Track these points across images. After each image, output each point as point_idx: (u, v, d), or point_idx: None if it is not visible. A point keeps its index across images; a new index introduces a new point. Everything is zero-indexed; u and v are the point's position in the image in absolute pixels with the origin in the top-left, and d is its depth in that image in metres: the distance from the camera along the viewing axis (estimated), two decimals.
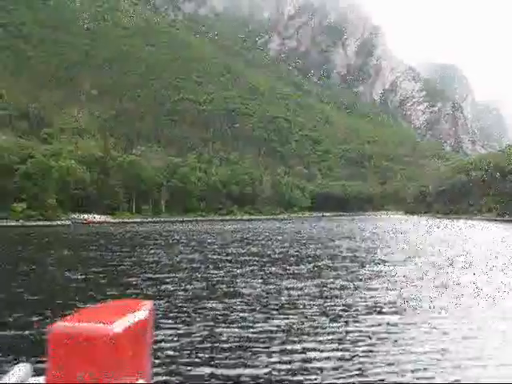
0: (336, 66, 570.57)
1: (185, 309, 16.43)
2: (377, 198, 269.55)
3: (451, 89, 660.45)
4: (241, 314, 15.73)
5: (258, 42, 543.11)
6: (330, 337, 12.95)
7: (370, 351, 11.80)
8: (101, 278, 24.07)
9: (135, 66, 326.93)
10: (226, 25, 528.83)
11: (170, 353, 11.52)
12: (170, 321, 14.56)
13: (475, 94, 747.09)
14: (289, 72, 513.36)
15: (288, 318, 15.15)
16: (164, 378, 10.00)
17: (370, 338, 12.86)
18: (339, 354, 11.56)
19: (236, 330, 13.72)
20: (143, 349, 2.09)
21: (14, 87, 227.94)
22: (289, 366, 10.74)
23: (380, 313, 16.14)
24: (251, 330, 13.61)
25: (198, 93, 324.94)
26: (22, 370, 2.02)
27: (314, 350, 11.87)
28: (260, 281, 22.85)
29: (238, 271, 26.40)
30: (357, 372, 10.44)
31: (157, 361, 10.56)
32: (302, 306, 17.00)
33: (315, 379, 10.09)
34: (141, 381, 2.03)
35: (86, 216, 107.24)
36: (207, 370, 10.52)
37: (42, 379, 2.03)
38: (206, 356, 11.39)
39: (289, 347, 12.01)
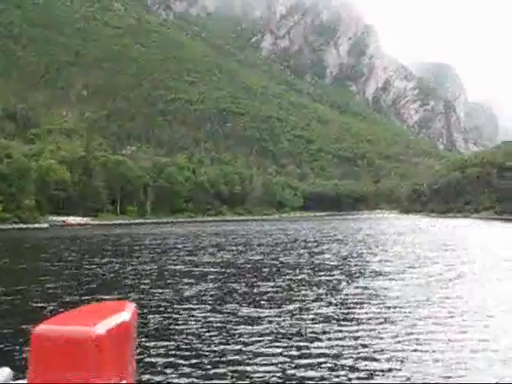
0: (329, 65, 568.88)
1: None
2: (370, 197, 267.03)
3: (444, 88, 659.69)
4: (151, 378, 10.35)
5: (250, 42, 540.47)
6: None
7: None
8: None
9: (126, 65, 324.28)
10: (218, 24, 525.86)
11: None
12: None
13: (468, 93, 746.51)
14: (281, 71, 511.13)
15: None
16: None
17: None
18: None
19: None
20: (126, 350, 2.09)
21: (2, 88, 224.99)
22: None
23: (371, 371, 10.59)
24: None
25: (190, 92, 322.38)
26: (2, 373, 2.01)
27: None
28: (210, 307, 17.22)
29: (189, 291, 20.80)
30: None
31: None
32: (255, 359, 11.37)
33: None
34: (124, 382, 2.04)
35: (63, 218, 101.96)
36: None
37: (23, 382, 2.02)
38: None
39: None
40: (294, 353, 11.85)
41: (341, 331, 13.83)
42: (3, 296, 20.15)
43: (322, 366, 10.88)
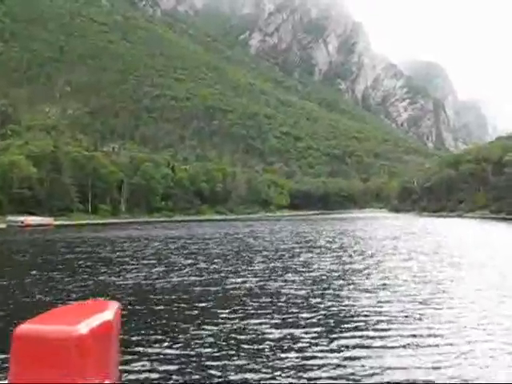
0: (318, 62, 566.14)
1: None
2: (359, 195, 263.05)
3: (433, 86, 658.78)
4: None
5: (238, 39, 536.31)
6: None
7: None
8: None
9: (111, 62, 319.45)
10: (206, 21, 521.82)
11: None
12: None
13: (457, 92, 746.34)
14: (270, 69, 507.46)
15: None
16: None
17: None
18: None
19: None
20: (110, 350, 2.05)
21: None
22: None
23: None
24: None
25: (176, 89, 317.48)
26: None
27: None
28: None
29: None
30: None
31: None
32: None
33: None
34: (107, 381, 2.00)
35: (22, 218, 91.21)
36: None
37: (4, 383, 1.96)
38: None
39: None
40: None
41: None
42: None
43: None
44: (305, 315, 15.72)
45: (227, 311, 16.55)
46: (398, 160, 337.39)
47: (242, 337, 13.32)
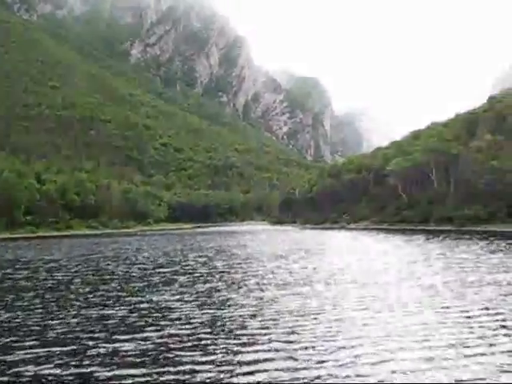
0: (199, 75, 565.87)
1: None
2: (240, 207, 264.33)
3: (312, 101, 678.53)
4: None
5: (118, 48, 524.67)
6: None
7: None
8: None
9: None
10: (86, 29, 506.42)
11: None
12: None
13: (334, 107, 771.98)
14: (151, 79, 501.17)
15: None
16: None
17: None
18: None
19: None
20: None
21: None
22: None
23: None
24: None
25: (52, 97, 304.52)
26: None
27: None
28: None
29: None
30: None
31: None
32: None
33: None
34: None
35: None
36: None
37: None
38: None
39: None
40: None
41: None
42: None
43: None
44: None
45: None
46: (279, 172, 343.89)
47: None
